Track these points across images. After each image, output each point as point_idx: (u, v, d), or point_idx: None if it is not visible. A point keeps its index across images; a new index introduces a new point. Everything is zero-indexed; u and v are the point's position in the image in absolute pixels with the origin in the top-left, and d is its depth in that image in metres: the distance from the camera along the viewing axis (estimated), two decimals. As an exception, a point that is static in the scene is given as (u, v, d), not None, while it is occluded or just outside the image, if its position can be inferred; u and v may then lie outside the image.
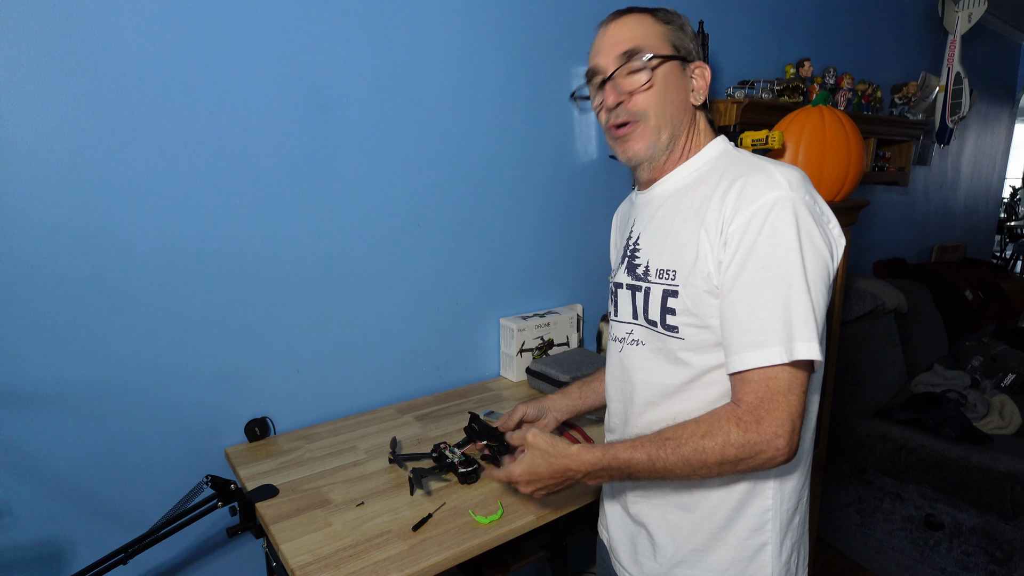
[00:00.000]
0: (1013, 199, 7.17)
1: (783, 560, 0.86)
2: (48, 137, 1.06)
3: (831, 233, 0.80)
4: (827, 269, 0.77)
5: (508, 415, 1.14)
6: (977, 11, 3.15)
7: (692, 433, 0.76)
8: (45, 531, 1.15)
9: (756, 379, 0.74)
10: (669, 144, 0.89)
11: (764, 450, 0.73)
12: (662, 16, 0.89)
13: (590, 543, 2.01)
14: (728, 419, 0.75)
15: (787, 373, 0.73)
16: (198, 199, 1.22)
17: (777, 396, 0.73)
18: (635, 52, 0.85)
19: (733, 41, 2.16)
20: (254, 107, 1.26)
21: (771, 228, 0.74)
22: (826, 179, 1.72)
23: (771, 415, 0.72)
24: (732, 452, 0.73)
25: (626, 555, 0.98)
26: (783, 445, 0.72)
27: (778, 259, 0.74)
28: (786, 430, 0.72)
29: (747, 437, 0.73)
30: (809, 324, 0.73)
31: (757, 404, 0.73)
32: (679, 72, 0.88)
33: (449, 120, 1.55)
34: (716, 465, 0.75)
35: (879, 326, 2.58)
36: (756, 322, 0.74)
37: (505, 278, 1.75)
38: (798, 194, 0.76)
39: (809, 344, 0.72)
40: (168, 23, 1.14)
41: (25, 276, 1.07)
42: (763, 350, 0.73)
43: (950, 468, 1.97)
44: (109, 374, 1.18)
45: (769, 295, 0.74)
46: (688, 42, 0.90)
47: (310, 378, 1.43)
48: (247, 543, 1.40)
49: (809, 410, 0.85)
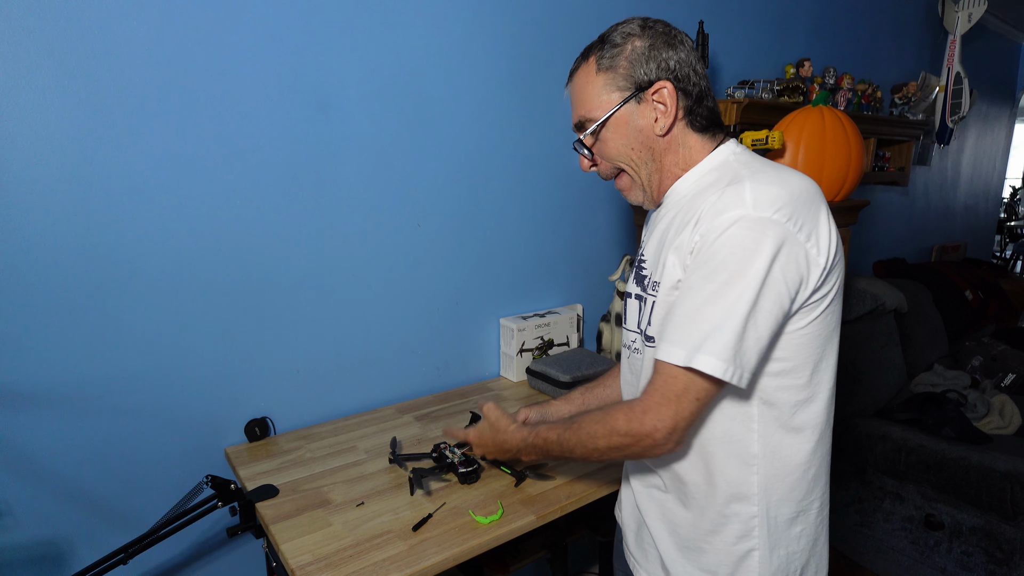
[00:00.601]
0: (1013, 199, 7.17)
1: (772, 568, 0.86)
2: (48, 137, 1.06)
3: (806, 254, 0.76)
4: (779, 293, 0.75)
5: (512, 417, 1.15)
6: (977, 11, 3.15)
7: (591, 419, 0.86)
8: (45, 531, 1.15)
9: (660, 373, 0.79)
10: (651, 176, 0.91)
11: (640, 440, 0.80)
12: (606, 60, 0.86)
13: (590, 543, 2.01)
14: (621, 409, 0.82)
15: (685, 378, 0.77)
16: (198, 199, 1.22)
17: (669, 396, 0.77)
18: (582, 125, 0.92)
19: (733, 41, 2.16)
20: (254, 107, 1.26)
21: (720, 244, 0.75)
22: (826, 179, 1.72)
23: (656, 411, 0.78)
24: (616, 439, 0.82)
25: (632, 539, 1.02)
26: (660, 439, 0.78)
27: (724, 275, 0.74)
28: (665, 427, 0.78)
29: (630, 427, 0.80)
30: (727, 344, 0.73)
31: (648, 396, 0.80)
32: (632, 114, 0.87)
33: (449, 120, 1.55)
34: (605, 449, 0.84)
35: (879, 326, 2.58)
36: (683, 321, 0.77)
37: (505, 278, 1.75)
38: (762, 213, 0.74)
39: (713, 360, 0.73)
40: (168, 23, 1.14)
41: (25, 276, 1.07)
42: (671, 347, 0.77)
43: (950, 468, 1.97)
44: (109, 374, 1.18)
45: (705, 300, 0.75)
46: (639, 69, 0.85)
47: (310, 378, 1.43)
48: (247, 543, 1.40)
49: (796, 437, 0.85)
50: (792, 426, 0.84)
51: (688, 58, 0.87)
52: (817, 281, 0.78)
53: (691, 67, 0.87)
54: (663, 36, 0.86)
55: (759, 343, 0.76)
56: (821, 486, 0.90)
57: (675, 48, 0.86)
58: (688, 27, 1.96)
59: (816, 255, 0.77)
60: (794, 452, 0.85)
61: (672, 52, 0.86)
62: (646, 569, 0.98)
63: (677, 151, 0.89)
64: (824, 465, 0.91)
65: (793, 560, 0.88)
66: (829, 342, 0.85)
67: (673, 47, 0.86)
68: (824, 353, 0.84)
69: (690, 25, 1.96)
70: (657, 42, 0.86)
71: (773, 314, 0.76)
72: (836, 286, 0.83)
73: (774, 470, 0.84)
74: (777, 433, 0.84)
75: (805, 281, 0.77)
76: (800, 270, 0.76)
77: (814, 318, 0.81)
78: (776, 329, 0.77)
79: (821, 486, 0.90)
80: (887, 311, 2.62)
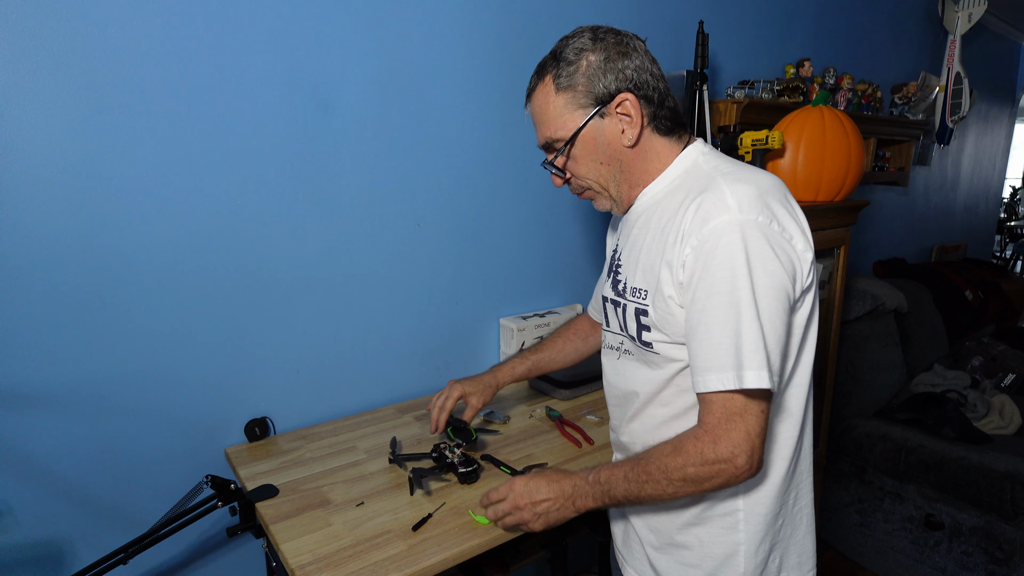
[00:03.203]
0: (1013, 199, 7.17)
1: (758, 561, 0.87)
2: (47, 137, 1.06)
3: (794, 250, 0.79)
4: (784, 291, 0.77)
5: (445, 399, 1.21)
6: (977, 11, 3.15)
7: (659, 452, 0.81)
8: (45, 531, 1.15)
9: (714, 401, 0.77)
10: (620, 188, 0.91)
11: (724, 469, 0.76)
12: (564, 79, 0.86)
13: (590, 543, 2.01)
14: (690, 439, 0.78)
15: (741, 396, 0.76)
16: (198, 198, 1.22)
17: (734, 417, 0.75)
18: (548, 146, 0.91)
19: (733, 41, 2.16)
20: (253, 107, 1.26)
21: (720, 254, 0.75)
22: (826, 179, 1.72)
23: (728, 435, 0.75)
24: (692, 471, 0.77)
25: (620, 538, 1.04)
26: (742, 464, 0.75)
27: (727, 285, 0.75)
28: (744, 450, 0.75)
29: (705, 457, 0.76)
30: (758, 352, 0.74)
31: (715, 425, 0.76)
32: (598, 129, 0.87)
33: (449, 120, 1.55)
34: (680, 482, 0.78)
35: (879, 326, 2.58)
36: (711, 346, 0.76)
37: (505, 278, 1.75)
38: (748, 216, 0.75)
39: (758, 373, 0.73)
40: (169, 23, 1.14)
41: (25, 276, 1.07)
42: (717, 373, 0.75)
43: (950, 468, 1.97)
44: (109, 374, 1.18)
45: (719, 320, 0.75)
46: (597, 84, 0.84)
47: (310, 378, 1.43)
48: (247, 543, 1.40)
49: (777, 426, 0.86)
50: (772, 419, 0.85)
51: (643, 63, 0.86)
52: (807, 273, 0.80)
53: (648, 72, 0.86)
54: (615, 46, 0.85)
55: (780, 343, 0.77)
56: (804, 478, 0.92)
57: (629, 56, 0.85)
58: (688, 27, 1.97)
59: (803, 250, 0.80)
60: (776, 445, 0.87)
61: (627, 61, 0.85)
62: (634, 567, 0.99)
63: (646, 158, 0.89)
64: (807, 457, 0.92)
65: (777, 552, 0.89)
66: (807, 334, 0.86)
67: (627, 55, 0.85)
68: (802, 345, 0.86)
69: (690, 25, 1.96)
70: (611, 53, 0.85)
71: (784, 312, 0.77)
72: (814, 277, 0.84)
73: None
74: None
75: (800, 274, 0.80)
76: (793, 266, 0.78)
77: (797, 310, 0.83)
78: (788, 325, 0.79)
79: (804, 478, 0.92)
80: (887, 311, 2.62)
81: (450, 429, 1.16)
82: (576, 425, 1.41)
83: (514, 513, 0.93)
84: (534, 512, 0.91)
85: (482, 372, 1.26)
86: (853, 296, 2.45)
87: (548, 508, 0.90)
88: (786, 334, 0.78)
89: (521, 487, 0.93)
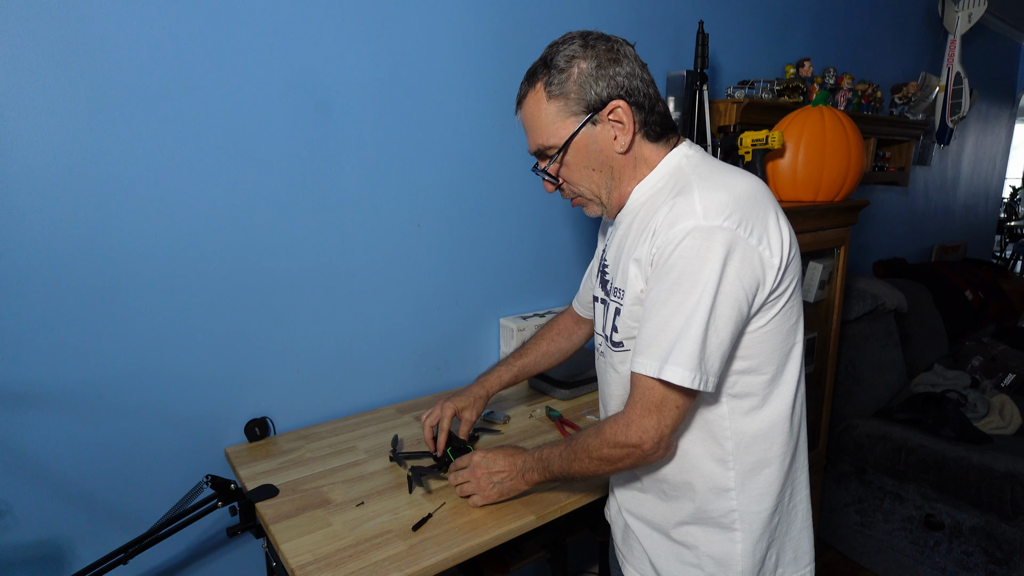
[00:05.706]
0: (1013, 199, 7.17)
1: (756, 559, 0.88)
2: (47, 136, 1.06)
3: (760, 256, 0.78)
4: (737, 297, 0.77)
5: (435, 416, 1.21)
6: (977, 11, 3.15)
7: (586, 434, 0.89)
8: (45, 531, 1.15)
9: (637, 385, 0.81)
10: (610, 194, 0.93)
11: (632, 452, 0.82)
12: (555, 86, 0.86)
13: (590, 543, 2.01)
14: (609, 423, 0.85)
15: (661, 388, 0.79)
16: (198, 198, 1.22)
17: (650, 407, 0.80)
18: (540, 153, 0.92)
19: (733, 41, 2.16)
20: (253, 107, 1.26)
21: (677, 256, 0.77)
22: (826, 179, 1.72)
23: (639, 423, 0.80)
24: (607, 452, 0.85)
25: (619, 538, 1.05)
26: (649, 450, 0.81)
27: (681, 286, 0.77)
28: (651, 437, 0.80)
29: (617, 440, 0.83)
30: (692, 352, 0.75)
31: (631, 411, 0.82)
32: (590, 136, 0.87)
33: (449, 120, 1.55)
34: (598, 461, 0.86)
35: (879, 326, 2.58)
36: (649, 332, 0.79)
37: (505, 278, 1.75)
38: (713, 222, 0.76)
39: (681, 370, 0.76)
40: (168, 23, 1.14)
41: (25, 275, 1.07)
42: (645, 358, 0.79)
43: (950, 468, 1.97)
44: (109, 374, 1.18)
45: (665, 314, 0.78)
46: (589, 92, 0.85)
47: (310, 378, 1.43)
48: (247, 543, 1.40)
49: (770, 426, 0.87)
50: (763, 419, 0.86)
51: (634, 69, 0.86)
52: (774, 281, 0.80)
53: (639, 78, 0.87)
54: (606, 52, 0.86)
55: (721, 348, 0.78)
56: (799, 475, 0.92)
57: (620, 63, 0.86)
58: (688, 27, 1.97)
59: (770, 256, 0.80)
60: (768, 444, 0.87)
61: (618, 67, 0.85)
62: (634, 566, 1.00)
63: (636, 164, 0.90)
64: (802, 454, 0.93)
65: (774, 549, 0.90)
66: (793, 333, 0.87)
67: (618, 61, 0.85)
68: (790, 345, 0.86)
69: (690, 25, 1.96)
70: (602, 60, 0.85)
71: (732, 319, 0.78)
72: (794, 281, 0.85)
73: (749, 464, 0.87)
74: (750, 427, 0.86)
75: (762, 283, 0.80)
76: (756, 273, 0.79)
77: (774, 314, 0.83)
78: (737, 332, 0.80)
79: (799, 475, 0.92)
80: (887, 311, 2.62)
81: (450, 450, 1.17)
82: (576, 425, 1.41)
83: (472, 480, 1.05)
84: (491, 481, 1.03)
85: (469, 384, 1.26)
86: (853, 296, 2.45)
87: (503, 479, 1.03)
88: (732, 339, 0.79)
89: (480, 459, 1.05)
